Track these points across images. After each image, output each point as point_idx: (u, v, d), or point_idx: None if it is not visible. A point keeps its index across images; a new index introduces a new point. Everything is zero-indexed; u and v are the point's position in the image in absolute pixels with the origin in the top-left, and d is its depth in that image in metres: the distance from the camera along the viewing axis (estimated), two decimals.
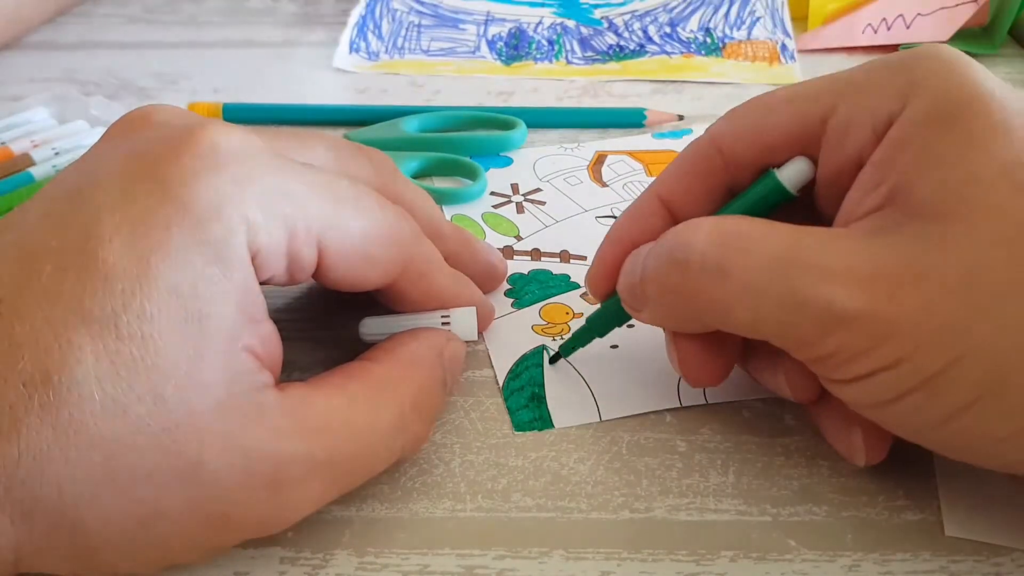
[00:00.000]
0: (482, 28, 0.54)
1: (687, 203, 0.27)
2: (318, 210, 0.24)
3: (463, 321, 0.29)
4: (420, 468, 0.27)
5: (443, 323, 0.29)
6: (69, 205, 0.22)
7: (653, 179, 0.28)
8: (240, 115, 0.45)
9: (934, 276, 0.21)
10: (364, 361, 0.26)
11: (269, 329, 0.23)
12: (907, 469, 0.27)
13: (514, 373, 0.30)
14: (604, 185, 0.40)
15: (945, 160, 0.22)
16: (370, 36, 0.53)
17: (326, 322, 0.32)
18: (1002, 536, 0.25)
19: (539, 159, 0.42)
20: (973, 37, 0.52)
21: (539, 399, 0.29)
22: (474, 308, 0.29)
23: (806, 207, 0.26)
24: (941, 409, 0.21)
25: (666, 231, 0.25)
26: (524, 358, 0.31)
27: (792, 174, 0.25)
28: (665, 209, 0.28)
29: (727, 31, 0.53)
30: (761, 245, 0.23)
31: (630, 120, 0.45)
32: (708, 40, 0.53)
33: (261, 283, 0.23)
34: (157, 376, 0.20)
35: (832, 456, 0.27)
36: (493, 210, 0.39)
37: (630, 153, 0.42)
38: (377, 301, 0.29)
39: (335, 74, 0.51)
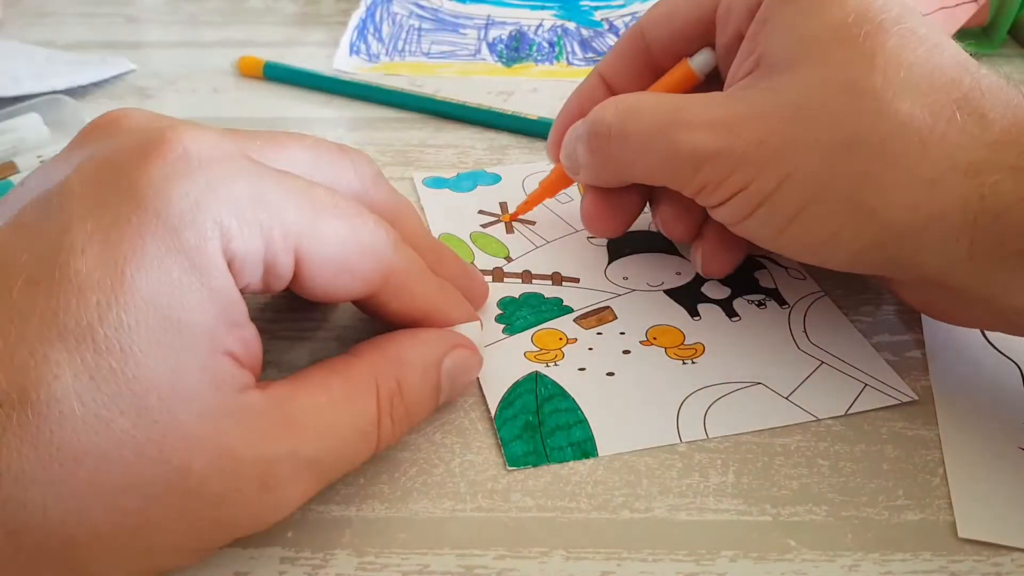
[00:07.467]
0: (483, 32, 0.54)
1: (622, 80, 0.34)
2: (295, 217, 0.23)
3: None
4: (420, 468, 0.27)
5: None
6: (39, 215, 0.21)
7: None
8: (281, 75, 0.49)
9: (769, 116, 0.27)
10: (347, 356, 0.25)
11: (251, 332, 0.23)
12: (907, 469, 0.27)
13: (506, 402, 0.29)
14: None
15: (791, 25, 0.27)
16: (370, 39, 0.53)
17: (315, 320, 0.32)
18: (1016, 538, 0.25)
19: (528, 176, 0.41)
20: (973, 37, 0.52)
21: (532, 428, 0.28)
22: (477, 323, 0.28)
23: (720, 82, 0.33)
24: (779, 219, 0.27)
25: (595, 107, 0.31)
26: (517, 385, 0.29)
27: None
28: (605, 85, 0.35)
29: None
30: (649, 113, 0.29)
31: None
32: None
33: None
34: (139, 388, 0.20)
35: (832, 456, 0.27)
36: (482, 230, 0.37)
37: None
38: None
39: (334, 74, 0.50)
